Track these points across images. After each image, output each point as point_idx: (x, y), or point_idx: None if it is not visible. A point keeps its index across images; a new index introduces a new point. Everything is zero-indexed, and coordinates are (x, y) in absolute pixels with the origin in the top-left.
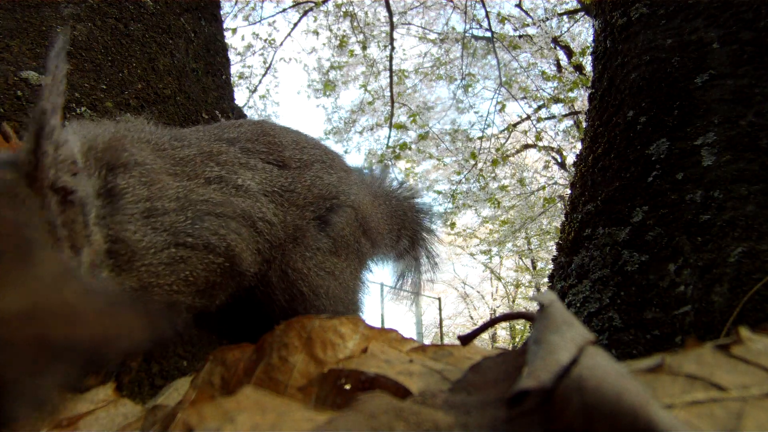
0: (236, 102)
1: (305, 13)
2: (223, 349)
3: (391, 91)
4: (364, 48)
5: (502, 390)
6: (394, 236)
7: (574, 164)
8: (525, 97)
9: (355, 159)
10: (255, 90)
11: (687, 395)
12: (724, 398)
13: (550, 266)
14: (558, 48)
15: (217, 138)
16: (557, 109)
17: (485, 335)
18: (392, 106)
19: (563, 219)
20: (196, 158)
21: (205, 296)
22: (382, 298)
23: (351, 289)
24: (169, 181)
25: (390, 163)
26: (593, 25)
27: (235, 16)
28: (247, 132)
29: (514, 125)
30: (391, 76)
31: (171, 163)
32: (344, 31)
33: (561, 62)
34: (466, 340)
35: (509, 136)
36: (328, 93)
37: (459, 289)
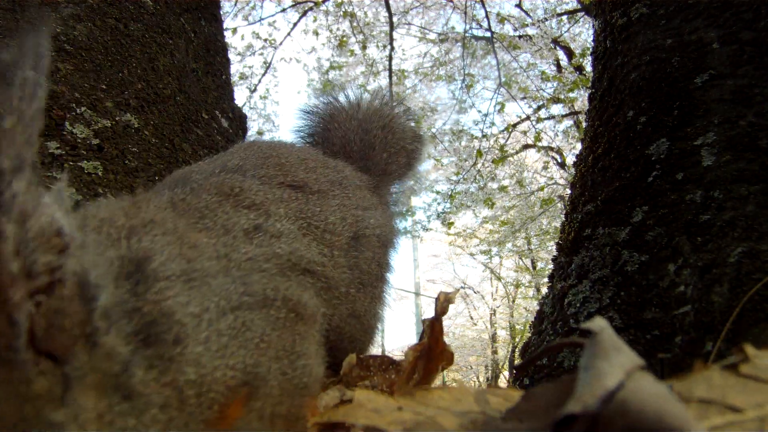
0: (236, 102)
1: (305, 12)
2: None
3: (391, 91)
4: (364, 48)
5: (552, 417)
6: (399, 162)
7: (574, 164)
8: (525, 98)
9: None
10: (255, 90)
11: (705, 421)
12: (743, 420)
13: (550, 266)
14: (558, 48)
15: (222, 169)
16: (557, 109)
17: (485, 335)
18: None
19: (563, 219)
20: (218, 205)
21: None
22: None
23: (372, 325)
24: (201, 238)
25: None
26: (593, 25)
27: (235, 15)
28: (250, 157)
29: (514, 125)
30: (390, 76)
31: (195, 217)
32: (344, 31)
33: (561, 62)
34: (521, 368)
35: (509, 136)
36: (327, 93)
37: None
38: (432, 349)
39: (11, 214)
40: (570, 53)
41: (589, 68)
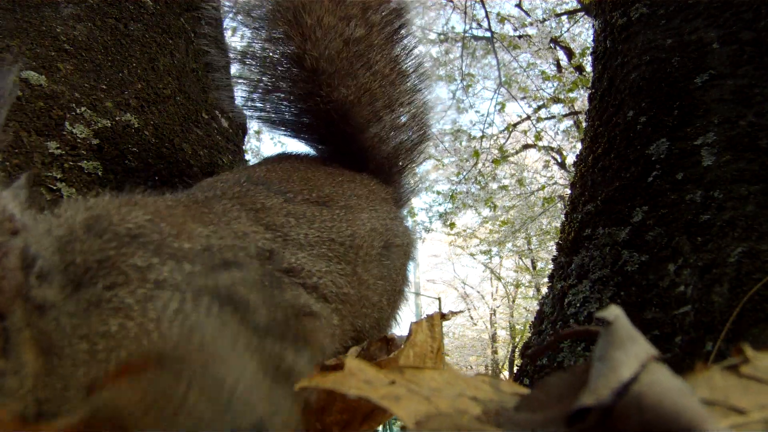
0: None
1: None
2: None
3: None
4: None
5: (566, 407)
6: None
7: (574, 164)
8: (525, 97)
9: None
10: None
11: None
12: (748, 422)
13: (550, 266)
14: (558, 48)
15: (248, 179)
16: (557, 109)
17: (485, 335)
18: None
19: (563, 219)
20: (236, 212)
21: None
22: None
23: (389, 320)
24: (197, 227)
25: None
26: (593, 25)
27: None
28: (277, 169)
29: (514, 125)
30: None
31: (203, 213)
32: None
33: (561, 62)
34: (534, 356)
35: (509, 136)
36: None
37: (459, 289)
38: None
39: None
40: (570, 53)
41: (589, 68)
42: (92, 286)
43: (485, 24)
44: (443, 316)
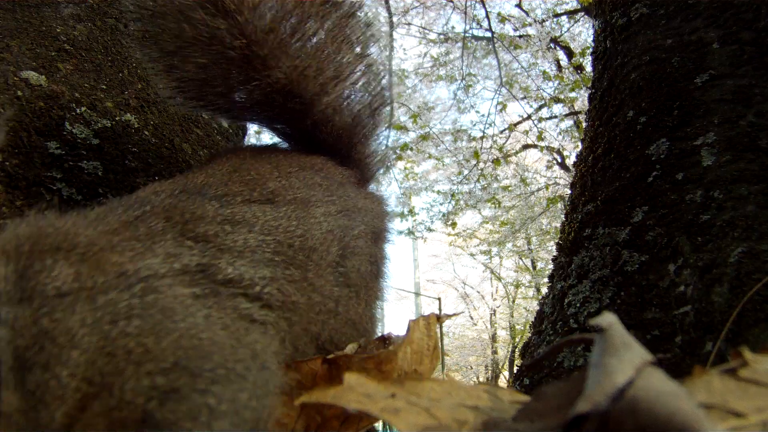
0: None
1: None
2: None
3: (391, 91)
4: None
5: (564, 416)
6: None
7: (574, 164)
8: (525, 97)
9: None
10: None
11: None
12: (746, 425)
13: (550, 266)
14: (558, 48)
15: (183, 189)
16: (558, 109)
17: (485, 335)
18: (392, 107)
19: (563, 219)
20: (161, 233)
21: None
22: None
23: (369, 329)
24: (115, 257)
25: (390, 164)
26: (593, 26)
27: None
28: (217, 172)
29: (515, 125)
30: (390, 77)
31: (127, 239)
32: None
33: (561, 62)
34: (531, 368)
35: (509, 136)
36: None
37: (459, 289)
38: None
39: None
40: (570, 53)
41: (589, 68)
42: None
43: (485, 24)
44: (439, 318)
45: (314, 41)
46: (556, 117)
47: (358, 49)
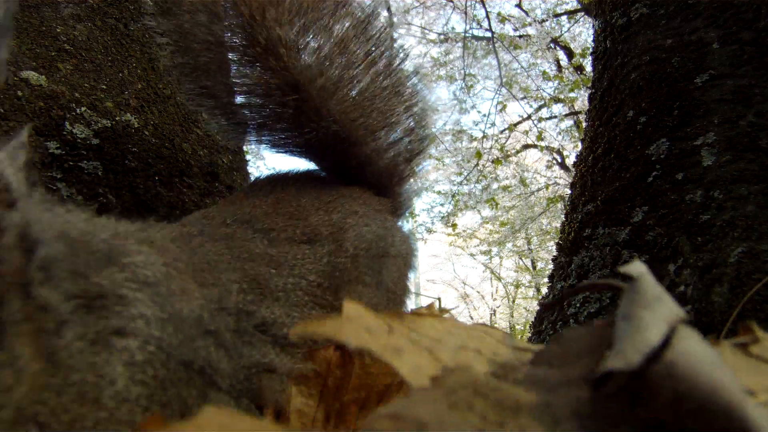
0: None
1: None
2: None
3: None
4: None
5: (586, 365)
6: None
7: (574, 164)
8: (525, 97)
9: None
10: None
11: None
12: (756, 403)
13: (550, 266)
14: (558, 48)
15: (234, 221)
16: (558, 109)
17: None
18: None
19: (563, 219)
20: (219, 260)
21: None
22: None
23: None
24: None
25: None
26: (593, 26)
27: None
28: (261, 204)
29: (515, 125)
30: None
31: (197, 261)
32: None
33: (561, 62)
34: (548, 307)
35: (509, 136)
36: None
37: (459, 289)
38: None
39: None
40: (570, 53)
41: (589, 68)
42: (103, 320)
43: (485, 24)
44: (441, 310)
45: (365, 93)
46: (555, 117)
47: (407, 94)
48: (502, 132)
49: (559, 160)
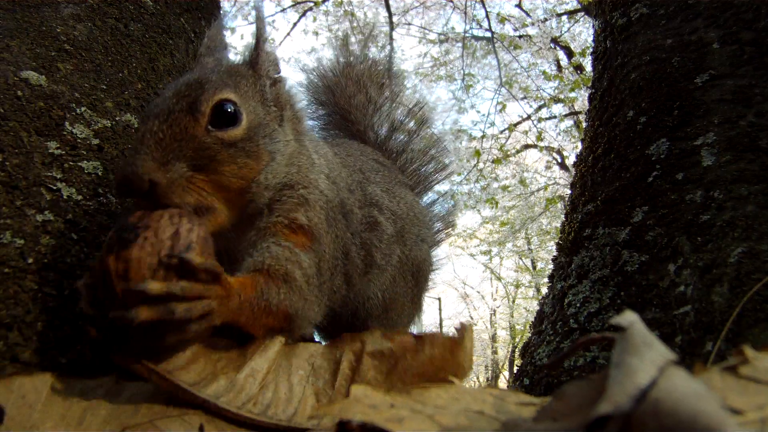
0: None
1: (304, 12)
2: None
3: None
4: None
5: (586, 416)
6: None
7: (574, 164)
8: (525, 97)
9: None
10: None
11: None
12: (744, 422)
13: (550, 266)
14: (558, 48)
15: (354, 171)
16: (557, 109)
17: (485, 335)
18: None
19: (563, 219)
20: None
21: None
22: None
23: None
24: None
25: None
26: (593, 26)
27: (235, 15)
28: (367, 161)
29: (515, 125)
30: (390, 77)
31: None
32: (345, 31)
33: (561, 62)
34: (551, 367)
35: (509, 136)
36: None
37: (459, 289)
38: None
39: (264, 47)
40: (570, 53)
41: (589, 68)
42: (366, 226)
43: (485, 24)
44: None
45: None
46: (555, 117)
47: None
48: (501, 132)
49: (559, 160)
